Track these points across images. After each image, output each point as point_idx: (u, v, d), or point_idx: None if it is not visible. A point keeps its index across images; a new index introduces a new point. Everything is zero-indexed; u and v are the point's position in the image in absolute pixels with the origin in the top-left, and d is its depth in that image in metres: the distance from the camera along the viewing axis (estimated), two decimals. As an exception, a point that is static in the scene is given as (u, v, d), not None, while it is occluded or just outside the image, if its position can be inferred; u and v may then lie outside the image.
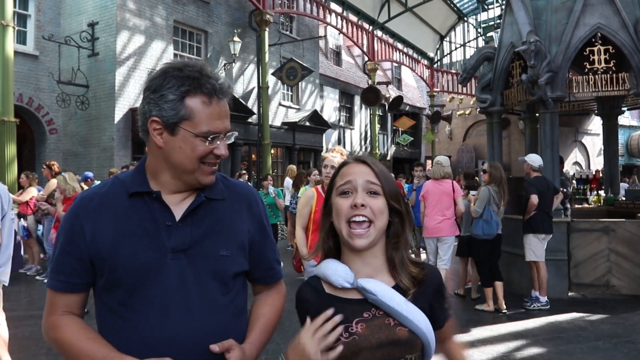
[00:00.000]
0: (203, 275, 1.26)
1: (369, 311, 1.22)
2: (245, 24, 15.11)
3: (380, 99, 18.04)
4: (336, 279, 1.23)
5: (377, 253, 1.28)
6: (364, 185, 1.24)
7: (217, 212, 1.32)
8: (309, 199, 3.96)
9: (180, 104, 1.22)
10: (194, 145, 1.23)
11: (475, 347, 4.70)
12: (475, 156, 24.59)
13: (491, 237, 5.87)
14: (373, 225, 1.23)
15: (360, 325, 1.20)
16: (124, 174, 1.35)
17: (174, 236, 1.25)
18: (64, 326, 1.26)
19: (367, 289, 1.21)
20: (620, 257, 6.57)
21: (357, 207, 1.22)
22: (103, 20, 11.70)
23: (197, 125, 1.22)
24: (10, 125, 8.85)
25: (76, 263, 1.26)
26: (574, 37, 6.53)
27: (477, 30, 25.40)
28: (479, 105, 8.13)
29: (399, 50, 22.44)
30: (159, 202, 1.27)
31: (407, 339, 1.20)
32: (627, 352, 4.53)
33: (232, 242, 1.32)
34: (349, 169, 1.29)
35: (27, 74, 11.43)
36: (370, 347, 1.18)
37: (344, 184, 1.26)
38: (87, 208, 1.27)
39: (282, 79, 15.05)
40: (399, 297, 1.22)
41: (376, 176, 1.26)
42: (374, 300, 1.21)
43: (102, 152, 11.66)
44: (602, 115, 9.16)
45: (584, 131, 23.42)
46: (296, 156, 17.27)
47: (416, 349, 1.22)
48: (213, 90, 1.24)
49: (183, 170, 1.26)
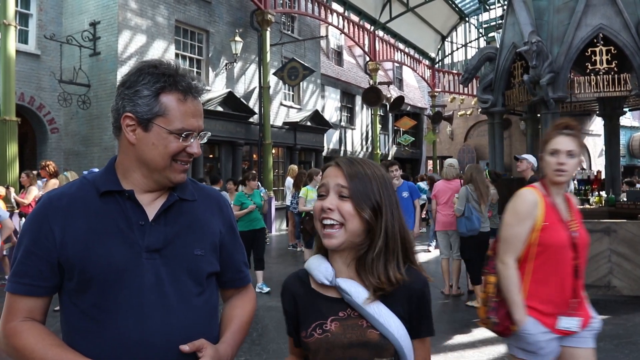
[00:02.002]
0: (178, 274, 1.24)
1: (344, 311, 1.25)
2: (246, 23, 15.11)
3: (381, 99, 18.03)
4: (317, 274, 1.28)
5: (354, 255, 1.28)
6: (335, 189, 1.26)
7: (190, 212, 1.32)
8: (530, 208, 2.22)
9: (155, 100, 1.22)
10: (167, 142, 1.22)
11: (476, 348, 4.70)
12: (476, 156, 24.59)
13: (475, 233, 6.03)
14: (344, 227, 1.24)
15: (335, 324, 1.24)
16: (91, 174, 1.33)
17: (148, 235, 1.23)
18: (25, 332, 1.18)
19: (343, 288, 1.25)
20: (621, 258, 6.56)
21: (324, 210, 1.25)
22: (105, 19, 11.70)
23: (171, 122, 1.22)
24: (11, 125, 8.86)
25: (42, 265, 1.20)
26: (576, 37, 6.53)
27: (479, 30, 25.38)
28: (481, 106, 8.14)
29: (401, 51, 22.43)
30: (132, 201, 1.24)
31: (377, 342, 1.22)
32: (628, 352, 4.52)
33: (206, 242, 1.31)
34: (327, 171, 1.32)
35: (29, 73, 11.43)
36: (342, 345, 1.22)
37: (320, 186, 1.31)
38: (56, 208, 1.23)
39: (283, 78, 15.05)
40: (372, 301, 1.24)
41: (346, 179, 1.25)
42: (349, 300, 1.24)
43: (103, 151, 11.67)
44: (603, 116, 9.16)
45: (585, 132, 23.39)
46: (297, 156, 17.27)
47: (387, 353, 1.23)
48: (188, 88, 1.24)
49: (155, 167, 1.24)
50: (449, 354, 4.56)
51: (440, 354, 4.54)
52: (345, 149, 21.70)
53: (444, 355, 4.52)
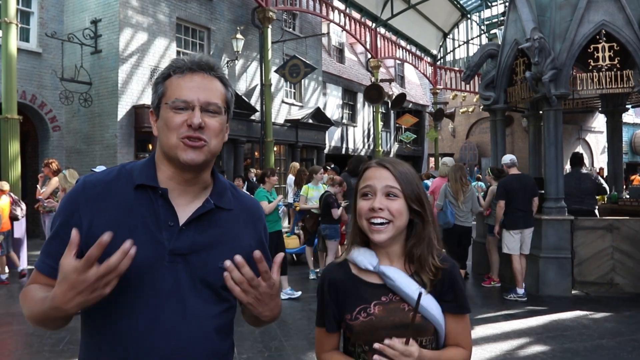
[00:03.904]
0: (197, 283, 1.22)
1: (386, 295, 1.35)
2: (248, 21, 15.09)
3: (383, 96, 18.00)
4: (361, 261, 1.38)
5: (399, 248, 1.40)
6: (383, 189, 1.36)
7: (224, 223, 1.29)
8: None
9: (160, 85, 1.26)
10: (168, 117, 1.22)
11: (479, 345, 4.69)
12: (478, 154, 24.56)
13: (449, 226, 6.45)
14: (392, 224, 1.35)
15: (378, 307, 1.34)
16: (131, 163, 1.32)
17: (176, 239, 1.20)
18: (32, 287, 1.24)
19: (387, 274, 1.35)
20: (624, 255, 6.55)
21: (375, 210, 1.34)
22: (106, 17, 11.70)
23: (169, 96, 1.23)
24: (13, 123, 8.86)
25: None
26: (578, 34, 6.50)
27: (481, 27, 25.32)
28: (483, 103, 8.11)
29: (402, 48, 22.38)
30: (164, 199, 1.22)
31: (419, 324, 1.31)
32: (630, 350, 4.52)
33: (233, 257, 1.26)
34: (371, 172, 1.40)
35: (31, 71, 11.44)
36: (386, 327, 1.31)
37: (364, 187, 1.38)
38: (89, 196, 1.22)
39: (284, 76, 15.03)
40: (414, 286, 1.34)
41: (395, 179, 1.36)
42: (392, 285, 1.34)
43: (105, 149, 11.67)
44: (606, 112, 9.12)
45: (587, 129, 23.34)
46: (299, 153, 17.26)
47: (428, 333, 1.34)
48: (184, 65, 1.25)
49: (168, 149, 1.23)
50: (451, 351, 4.55)
51: (442, 351, 4.54)
52: (347, 146, 21.68)
53: (446, 352, 4.52)
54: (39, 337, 4.86)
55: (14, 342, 4.82)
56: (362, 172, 1.42)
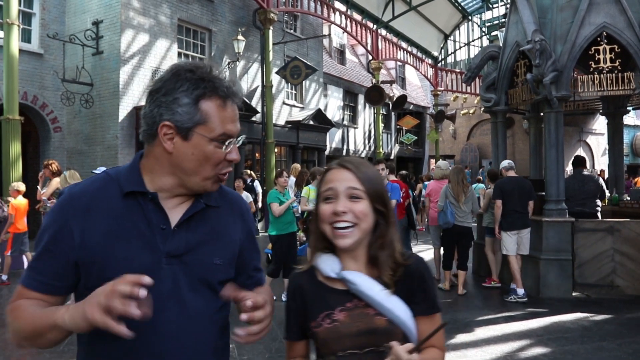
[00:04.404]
0: (195, 282, 1.23)
1: (351, 301, 1.29)
2: (249, 22, 15.11)
3: (384, 97, 18.01)
4: (324, 268, 1.32)
5: (365, 251, 1.34)
6: (346, 192, 1.29)
7: (213, 219, 1.30)
8: None
9: (195, 108, 1.17)
10: (208, 151, 1.18)
11: (479, 347, 4.69)
12: (479, 155, 24.55)
13: (449, 226, 6.74)
14: (357, 227, 1.29)
15: (343, 314, 1.28)
16: (114, 170, 1.27)
17: (170, 241, 1.20)
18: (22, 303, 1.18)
19: (349, 279, 1.29)
20: (624, 257, 6.55)
21: (339, 214, 1.28)
22: (107, 18, 11.72)
23: (212, 129, 1.18)
24: (14, 124, 8.87)
25: (59, 264, 1.17)
26: (579, 36, 6.51)
27: (482, 29, 25.34)
28: (484, 105, 8.11)
29: (403, 49, 22.40)
30: (154, 203, 1.21)
31: (385, 328, 1.26)
32: (631, 352, 4.51)
33: (226, 251, 1.29)
34: (332, 175, 1.33)
35: (32, 72, 11.45)
36: (351, 334, 1.26)
37: (326, 190, 1.32)
38: (77, 207, 1.19)
39: (286, 77, 15.04)
40: (378, 288, 1.28)
41: (358, 180, 1.30)
42: (355, 290, 1.28)
43: (106, 150, 11.68)
44: (607, 114, 9.12)
45: (588, 130, 23.34)
46: (300, 155, 17.26)
47: (395, 337, 1.25)
48: (228, 93, 1.21)
49: (193, 176, 1.20)
50: (452, 353, 4.55)
51: (442, 353, 4.53)
52: (347, 147, 21.69)
53: (446, 354, 4.51)
54: (40, 338, 4.86)
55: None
56: (323, 175, 1.36)
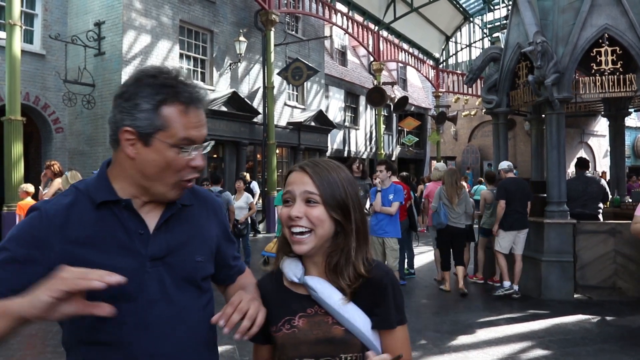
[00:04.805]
0: (180, 281, 1.23)
1: (312, 308, 1.26)
2: (251, 23, 15.13)
3: (385, 99, 18.01)
4: (287, 272, 1.29)
5: (322, 258, 1.29)
6: (302, 195, 1.24)
7: (189, 218, 1.30)
8: None
9: (155, 114, 1.15)
10: (169, 157, 1.16)
11: (480, 349, 4.69)
12: (480, 157, 24.55)
13: (442, 227, 6.94)
14: (314, 233, 1.23)
15: (302, 320, 1.25)
16: (83, 183, 1.25)
17: (152, 244, 1.20)
18: None
19: (310, 285, 1.25)
20: (626, 259, 6.54)
21: (293, 218, 1.23)
22: (109, 19, 11.75)
23: (172, 135, 1.16)
24: (17, 124, 8.89)
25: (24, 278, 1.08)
26: (581, 37, 6.50)
27: (483, 30, 25.34)
28: (485, 106, 8.11)
29: (405, 51, 22.41)
30: (129, 210, 1.20)
31: (342, 337, 1.22)
32: (633, 354, 4.50)
33: (205, 248, 1.31)
34: (292, 177, 1.29)
35: (34, 73, 11.48)
36: (309, 342, 1.23)
37: (285, 192, 1.28)
38: (52, 223, 1.15)
39: (287, 79, 15.06)
40: (337, 296, 1.24)
41: (314, 184, 1.24)
42: (315, 297, 1.25)
43: (107, 151, 11.69)
44: (608, 116, 9.11)
45: (590, 132, 23.32)
46: (301, 156, 17.27)
47: (354, 348, 1.23)
48: (190, 99, 1.18)
49: (154, 182, 1.19)
50: (453, 354, 4.55)
51: (444, 354, 4.53)
52: (349, 149, 21.70)
53: (447, 355, 4.52)
54: (42, 339, 4.87)
55: (17, 343, 4.82)
56: (286, 177, 1.33)
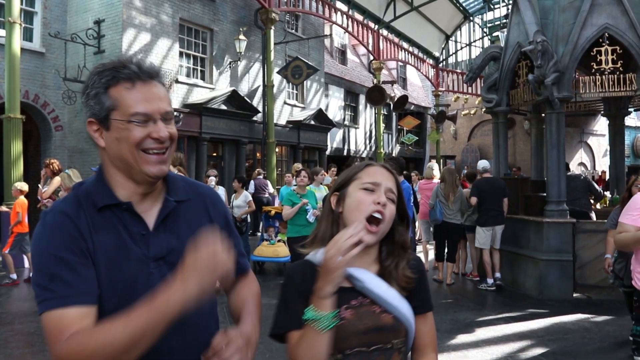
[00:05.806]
0: None
1: (356, 299, 1.29)
2: (250, 22, 15.12)
3: (385, 98, 18.01)
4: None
5: (373, 251, 1.36)
6: (386, 191, 1.33)
7: (187, 213, 1.31)
8: None
9: (105, 96, 1.19)
10: (127, 132, 1.18)
11: (480, 348, 4.69)
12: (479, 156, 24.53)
13: (438, 222, 7.36)
14: (381, 226, 1.31)
15: (349, 312, 1.27)
16: (83, 187, 1.26)
17: (153, 244, 1.22)
18: (92, 330, 1.08)
19: (355, 276, 1.28)
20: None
21: (381, 204, 1.30)
22: (109, 17, 11.73)
23: (124, 111, 1.18)
24: (16, 122, 8.89)
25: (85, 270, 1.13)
26: (581, 37, 6.50)
27: (483, 29, 25.32)
28: (485, 105, 8.11)
29: (405, 50, 22.39)
30: (129, 212, 1.22)
31: (392, 325, 1.28)
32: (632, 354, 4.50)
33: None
34: (377, 170, 1.38)
35: (34, 71, 11.46)
36: (358, 332, 1.26)
37: (369, 182, 1.33)
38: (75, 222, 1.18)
39: (287, 77, 15.05)
40: (384, 286, 1.30)
41: (397, 186, 1.37)
42: (361, 287, 1.29)
43: (107, 149, 11.70)
44: (608, 115, 9.11)
45: (589, 132, 23.32)
46: (301, 155, 17.28)
47: (401, 334, 1.30)
48: (133, 74, 1.20)
49: (127, 164, 1.20)
50: (452, 353, 4.55)
51: (443, 353, 4.53)
52: (348, 148, 21.69)
53: (447, 354, 4.52)
54: (41, 337, 4.87)
55: (16, 341, 4.82)
56: (362, 168, 1.38)
